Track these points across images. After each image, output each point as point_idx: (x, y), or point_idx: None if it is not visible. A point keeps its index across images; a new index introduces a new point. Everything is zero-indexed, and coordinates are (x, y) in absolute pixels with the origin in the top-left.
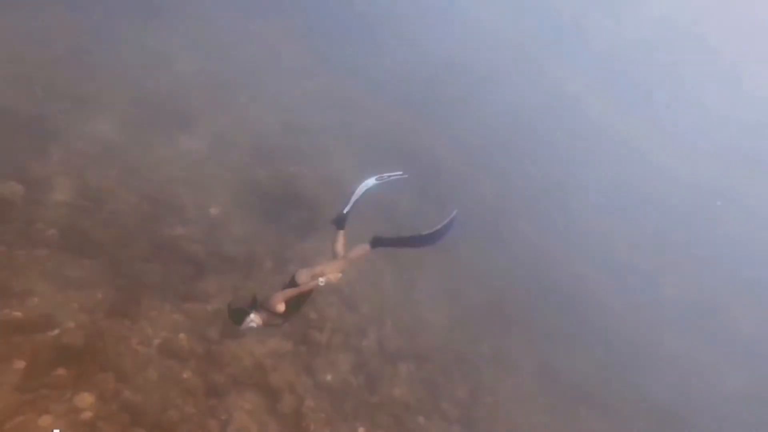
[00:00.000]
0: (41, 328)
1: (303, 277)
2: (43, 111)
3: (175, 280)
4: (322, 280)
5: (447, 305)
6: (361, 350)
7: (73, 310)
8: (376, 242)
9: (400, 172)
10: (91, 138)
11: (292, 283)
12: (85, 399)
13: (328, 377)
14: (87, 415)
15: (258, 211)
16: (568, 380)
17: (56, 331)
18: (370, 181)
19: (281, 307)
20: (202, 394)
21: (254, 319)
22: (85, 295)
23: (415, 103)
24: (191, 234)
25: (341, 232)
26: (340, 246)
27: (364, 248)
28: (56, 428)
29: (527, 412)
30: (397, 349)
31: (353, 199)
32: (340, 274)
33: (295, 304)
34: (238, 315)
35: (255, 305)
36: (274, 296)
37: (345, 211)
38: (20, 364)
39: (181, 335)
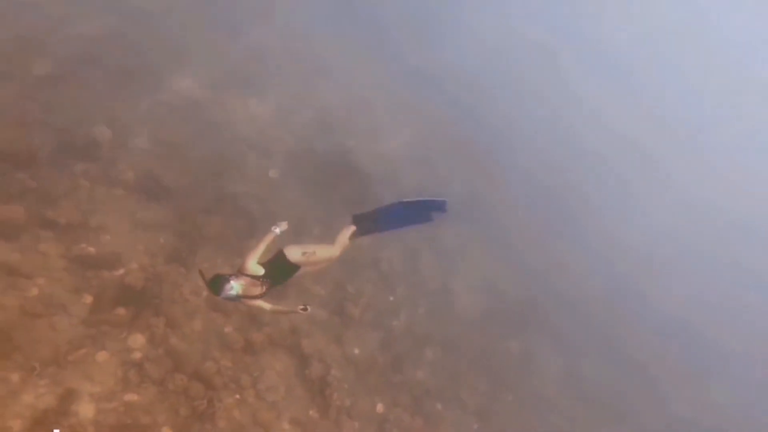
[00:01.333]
0: (109, 266)
1: (291, 252)
2: (137, 63)
3: (230, 235)
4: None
5: (482, 299)
6: (391, 329)
7: (138, 252)
8: (357, 219)
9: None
10: (175, 92)
11: (280, 255)
12: (138, 340)
13: (356, 350)
14: (137, 355)
15: (312, 180)
16: (591, 391)
17: (121, 271)
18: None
19: (252, 266)
20: (240, 350)
21: (234, 286)
22: (150, 237)
23: (476, 101)
24: (250, 192)
25: (353, 229)
26: (342, 238)
27: (349, 229)
28: (111, 362)
29: (545, 415)
30: (426, 333)
31: (382, 210)
32: (328, 255)
33: (275, 273)
34: (217, 282)
35: (233, 274)
36: (246, 256)
37: (368, 214)
38: (88, 299)
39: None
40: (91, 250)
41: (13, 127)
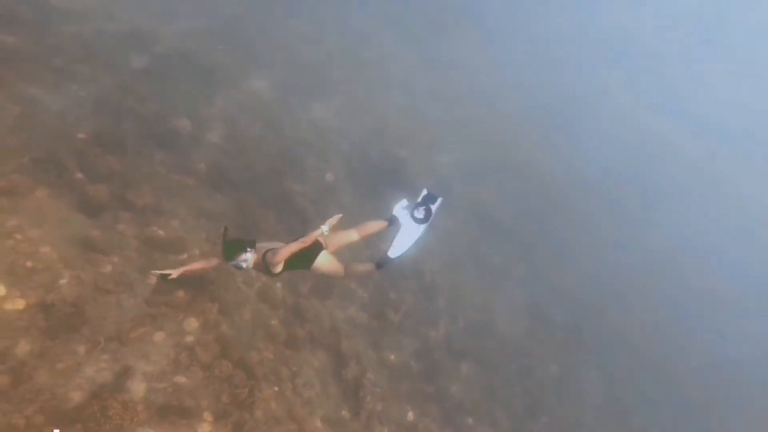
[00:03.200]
0: (174, 250)
1: (324, 259)
2: (220, 62)
3: (282, 231)
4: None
5: (525, 319)
6: (428, 339)
7: (201, 239)
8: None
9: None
10: (248, 92)
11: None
12: (192, 324)
13: (392, 356)
14: (190, 339)
15: (365, 187)
16: (631, 421)
17: (185, 255)
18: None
19: (279, 267)
20: (282, 343)
21: (249, 258)
22: (212, 226)
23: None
24: (306, 192)
25: (385, 224)
26: (370, 228)
27: (369, 265)
28: (166, 343)
29: None
30: (463, 347)
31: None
32: (336, 273)
33: (295, 260)
34: (234, 247)
35: (253, 246)
36: (280, 252)
37: (403, 214)
38: (153, 280)
39: (278, 284)
40: (161, 233)
41: (110, 115)
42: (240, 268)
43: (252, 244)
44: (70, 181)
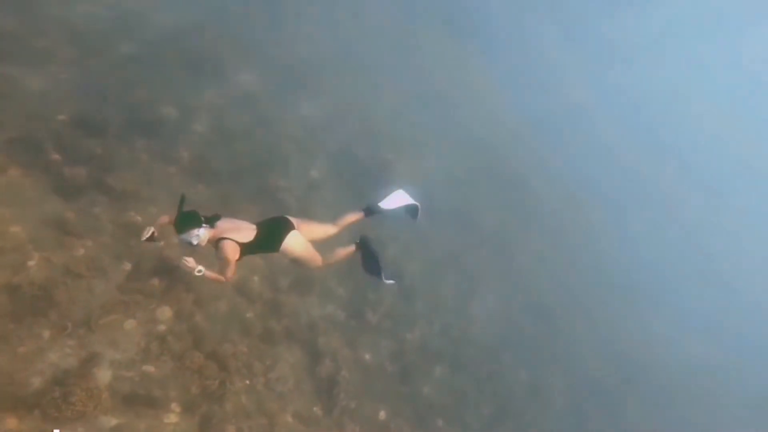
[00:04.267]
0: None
1: (294, 240)
2: (209, 53)
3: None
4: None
5: (499, 326)
6: (404, 341)
7: None
8: (368, 211)
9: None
10: (238, 85)
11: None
12: (165, 313)
13: (367, 356)
14: (162, 328)
15: (349, 186)
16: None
17: (162, 243)
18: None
19: (230, 266)
20: (257, 337)
21: (201, 236)
22: None
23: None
24: (291, 188)
25: (361, 215)
26: (347, 220)
27: (348, 249)
28: (137, 331)
29: None
30: (437, 350)
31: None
32: (314, 262)
33: (253, 248)
34: (187, 219)
35: (213, 223)
36: (228, 255)
37: (381, 205)
38: (127, 266)
39: (256, 278)
40: (138, 219)
41: (94, 98)
42: (189, 244)
43: (211, 221)
44: (46, 161)
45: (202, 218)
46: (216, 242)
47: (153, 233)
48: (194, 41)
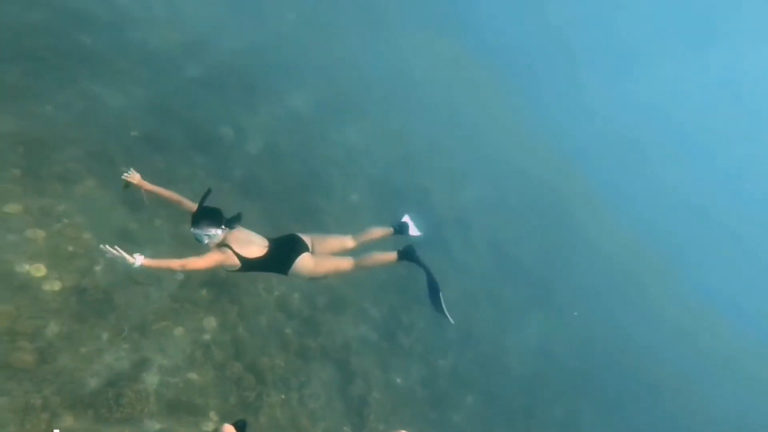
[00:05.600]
0: (204, 250)
1: (306, 262)
2: (265, 77)
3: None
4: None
5: (535, 359)
6: (436, 367)
7: None
8: (404, 255)
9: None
10: (287, 108)
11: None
12: (211, 323)
13: (398, 379)
14: (207, 337)
15: (387, 211)
16: None
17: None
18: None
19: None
20: (293, 353)
21: (214, 237)
22: None
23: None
24: (330, 210)
25: (390, 231)
26: (371, 235)
27: (384, 230)
28: (184, 339)
29: None
30: (470, 379)
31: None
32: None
33: (257, 266)
34: (209, 216)
35: (232, 225)
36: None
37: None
38: (180, 276)
39: (296, 295)
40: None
41: (161, 116)
42: (199, 240)
43: (231, 223)
44: (117, 174)
45: (224, 219)
46: (219, 246)
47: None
48: (251, 65)
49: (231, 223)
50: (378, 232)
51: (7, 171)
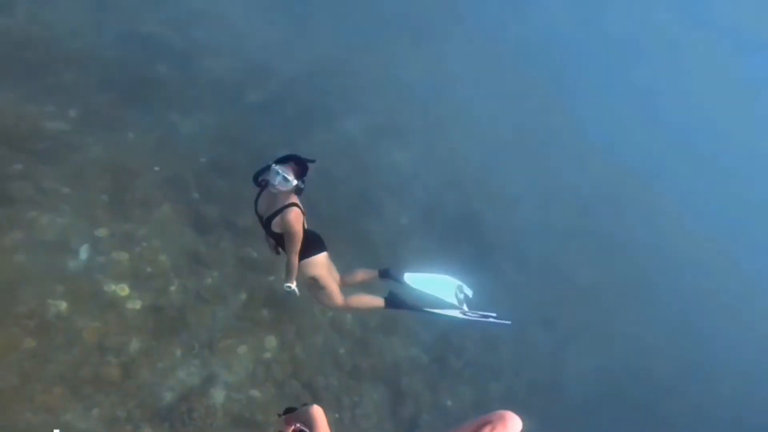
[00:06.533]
0: (265, 272)
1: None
2: (317, 102)
3: (358, 268)
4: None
5: (594, 387)
6: (487, 391)
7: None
8: (391, 302)
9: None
10: (341, 132)
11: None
12: (271, 342)
13: (449, 402)
14: (268, 355)
15: (437, 234)
16: None
17: (272, 278)
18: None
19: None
20: (347, 372)
21: (291, 184)
22: None
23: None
24: (382, 233)
25: (375, 274)
26: (355, 277)
27: (369, 273)
28: (247, 357)
29: None
30: (524, 404)
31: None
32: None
33: None
34: (299, 161)
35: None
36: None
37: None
38: (243, 296)
39: (348, 316)
40: (254, 254)
41: (227, 143)
42: (274, 176)
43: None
44: (188, 199)
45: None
46: (289, 203)
47: None
48: (306, 90)
49: (304, 185)
50: (362, 274)
51: (97, 197)
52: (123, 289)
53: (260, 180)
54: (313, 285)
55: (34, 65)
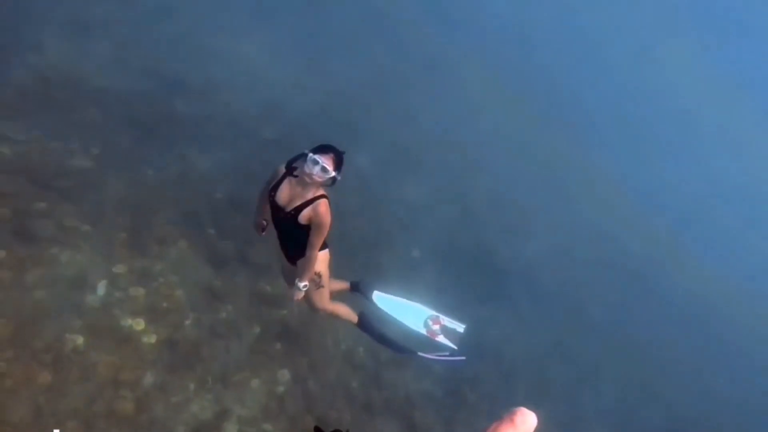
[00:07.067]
0: (278, 306)
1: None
2: (331, 136)
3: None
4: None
5: (616, 422)
6: None
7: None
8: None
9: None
10: (352, 165)
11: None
12: (284, 375)
13: None
14: (281, 389)
15: (449, 266)
16: None
17: (284, 312)
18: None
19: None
20: (359, 406)
21: (328, 174)
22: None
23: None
24: (394, 266)
25: (346, 285)
26: (336, 285)
27: (342, 284)
28: (260, 390)
29: None
30: None
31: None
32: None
33: None
34: (338, 153)
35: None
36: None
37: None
38: (257, 329)
39: (361, 348)
40: (268, 288)
41: (242, 178)
42: (311, 166)
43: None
44: (204, 235)
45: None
46: (319, 197)
47: None
48: (318, 125)
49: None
50: (337, 284)
51: (117, 234)
52: (139, 324)
53: (292, 167)
54: (312, 282)
55: (60, 102)
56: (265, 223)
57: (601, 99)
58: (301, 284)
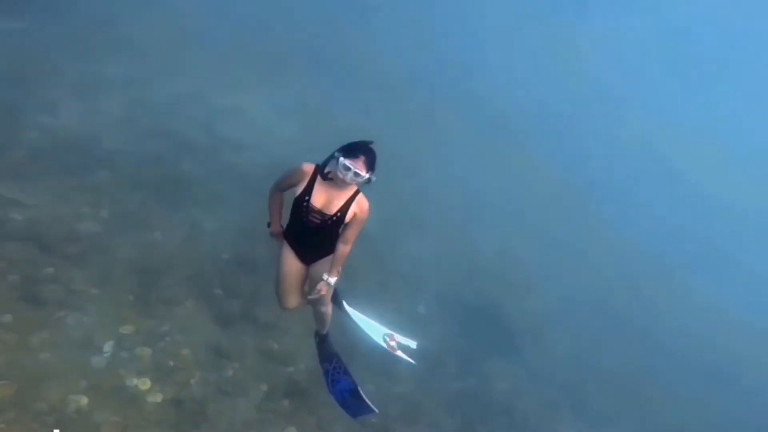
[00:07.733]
0: (284, 363)
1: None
2: None
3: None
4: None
5: None
6: None
7: (306, 355)
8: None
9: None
10: None
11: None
12: None
13: None
14: None
15: (456, 322)
16: None
17: (291, 369)
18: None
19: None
20: None
21: (362, 178)
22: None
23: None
24: (399, 321)
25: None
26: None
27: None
28: None
29: None
30: None
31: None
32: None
33: None
34: (371, 153)
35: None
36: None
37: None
38: (264, 387)
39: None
40: (275, 346)
41: (248, 238)
42: (344, 172)
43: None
44: (211, 295)
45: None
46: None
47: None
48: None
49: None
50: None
51: (124, 296)
52: (145, 383)
53: (326, 171)
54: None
55: (71, 164)
56: (282, 228)
57: (605, 157)
58: (332, 279)
